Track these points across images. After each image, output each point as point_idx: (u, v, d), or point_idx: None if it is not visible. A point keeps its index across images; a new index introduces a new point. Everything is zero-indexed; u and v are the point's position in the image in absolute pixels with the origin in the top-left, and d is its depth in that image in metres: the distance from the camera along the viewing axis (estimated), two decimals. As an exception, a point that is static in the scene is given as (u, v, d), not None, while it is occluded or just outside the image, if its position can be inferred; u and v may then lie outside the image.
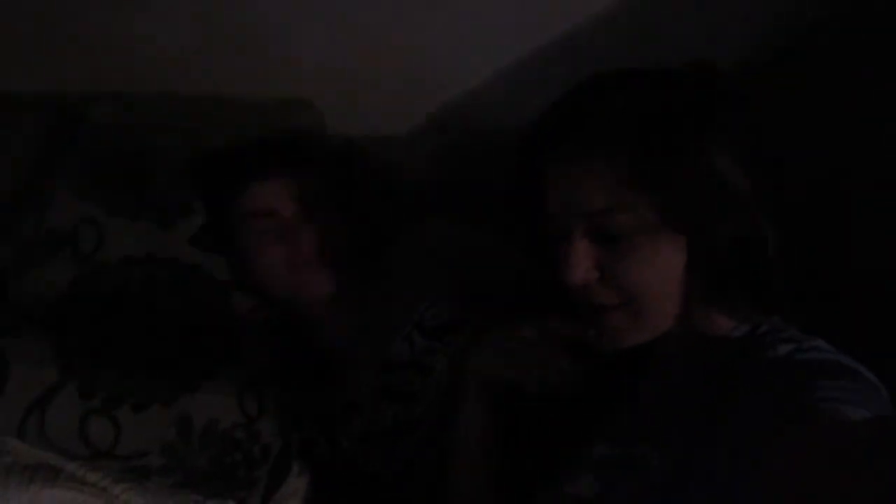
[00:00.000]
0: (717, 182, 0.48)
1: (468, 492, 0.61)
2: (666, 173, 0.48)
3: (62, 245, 0.75)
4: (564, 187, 0.51)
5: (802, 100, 0.64)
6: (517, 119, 0.91)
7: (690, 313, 0.52)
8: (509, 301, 0.78)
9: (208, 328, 0.78)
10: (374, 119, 0.93)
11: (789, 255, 0.51)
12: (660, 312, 0.51)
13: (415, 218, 0.88)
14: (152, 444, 0.71)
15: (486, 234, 0.85)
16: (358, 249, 0.81)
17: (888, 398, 0.46)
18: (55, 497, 0.66)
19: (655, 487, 0.48)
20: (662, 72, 0.52)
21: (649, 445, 0.51)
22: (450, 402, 0.60)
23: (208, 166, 0.83)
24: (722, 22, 0.79)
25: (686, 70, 0.52)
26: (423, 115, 0.95)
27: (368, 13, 0.83)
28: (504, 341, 0.59)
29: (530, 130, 0.54)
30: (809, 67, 0.73)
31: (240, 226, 0.80)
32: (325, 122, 0.92)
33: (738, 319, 0.53)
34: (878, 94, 0.67)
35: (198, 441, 0.73)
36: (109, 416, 0.69)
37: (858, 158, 0.67)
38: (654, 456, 0.50)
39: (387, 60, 0.88)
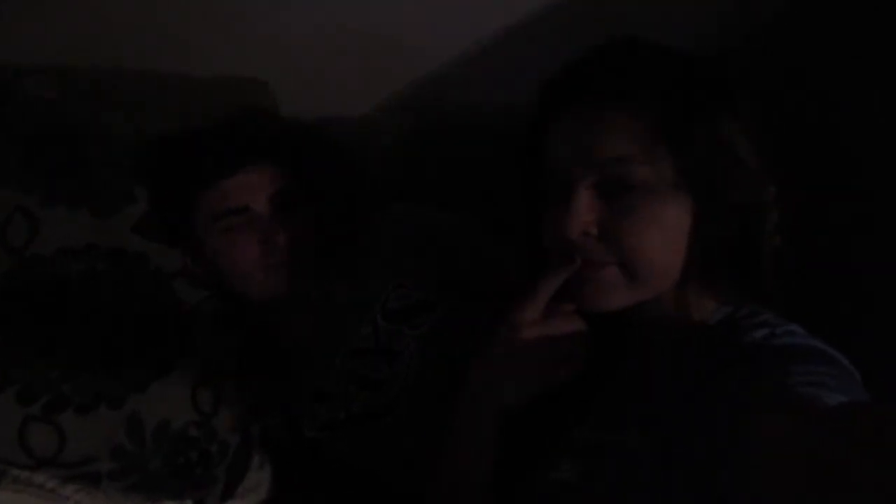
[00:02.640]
0: (732, 152, 0.49)
1: (457, 483, 0.60)
2: (688, 131, 0.48)
3: (-10, 238, 0.69)
4: (577, 137, 0.50)
5: (779, 85, 0.63)
6: (483, 97, 0.89)
7: (685, 284, 0.51)
8: (478, 280, 0.78)
9: (156, 322, 0.74)
10: (332, 99, 0.89)
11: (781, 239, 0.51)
12: (656, 278, 0.50)
13: (378, 203, 0.85)
14: (101, 449, 0.67)
15: (450, 215, 0.83)
16: (326, 240, 0.78)
17: (862, 383, 0.46)
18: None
19: (638, 472, 0.48)
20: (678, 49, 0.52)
21: (631, 430, 0.50)
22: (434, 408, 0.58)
23: (160, 156, 0.77)
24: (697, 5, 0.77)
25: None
26: (384, 94, 0.91)
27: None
28: (512, 353, 0.55)
29: (543, 83, 0.53)
30: (785, 55, 0.72)
31: (207, 223, 0.74)
32: (279, 102, 0.87)
33: (724, 301, 0.53)
34: (852, 82, 0.66)
35: (150, 442, 0.69)
36: (51, 421, 0.65)
37: (844, 149, 0.67)
38: (636, 441, 0.49)
39: (346, 37, 0.84)
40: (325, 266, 0.78)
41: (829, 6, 0.67)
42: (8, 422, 0.64)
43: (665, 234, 0.49)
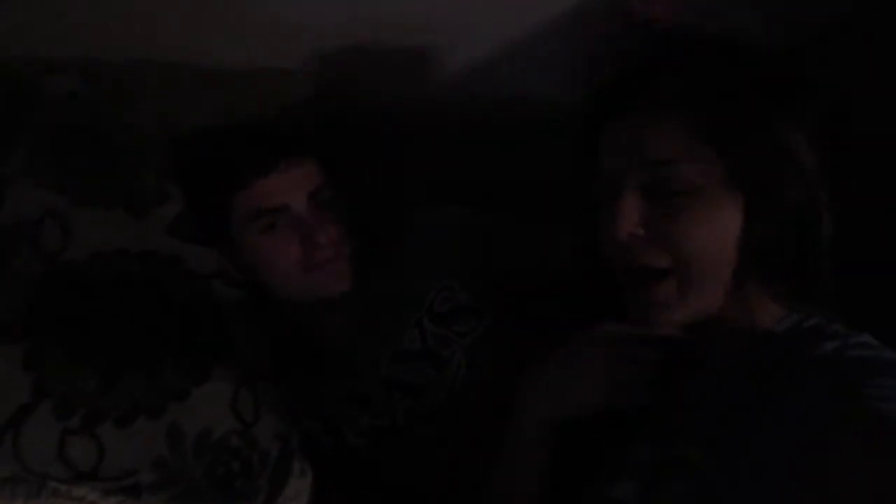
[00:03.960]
0: (785, 150, 0.48)
1: (507, 496, 0.58)
2: (738, 130, 0.48)
3: (23, 241, 0.66)
4: (627, 139, 0.51)
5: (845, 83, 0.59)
6: (523, 89, 0.86)
7: (741, 289, 0.50)
8: (524, 282, 0.75)
9: (194, 327, 0.72)
10: (368, 91, 0.85)
11: (840, 244, 0.49)
12: (710, 281, 0.50)
13: (417, 200, 0.82)
14: (141, 461, 0.65)
15: (492, 215, 0.80)
16: (366, 238, 0.75)
17: None
18: (40, 512, 0.61)
19: (702, 489, 0.46)
20: (734, 41, 0.51)
21: (695, 446, 0.49)
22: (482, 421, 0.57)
23: (193, 155, 0.74)
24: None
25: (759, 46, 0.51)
26: (423, 86, 0.87)
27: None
28: (570, 370, 0.55)
29: (597, 87, 0.54)
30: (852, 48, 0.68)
31: (244, 223, 0.71)
32: (315, 94, 0.83)
33: (787, 307, 0.51)
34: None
35: (191, 453, 0.67)
36: (91, 434, 0.63)
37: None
38: (701, 456, 0.48)
39: (384, 26, 0.80)
40: (366, 265, 0.75)
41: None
42: (47, 435, 0.62)
43: (714, 235, 0.48)
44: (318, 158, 0.74)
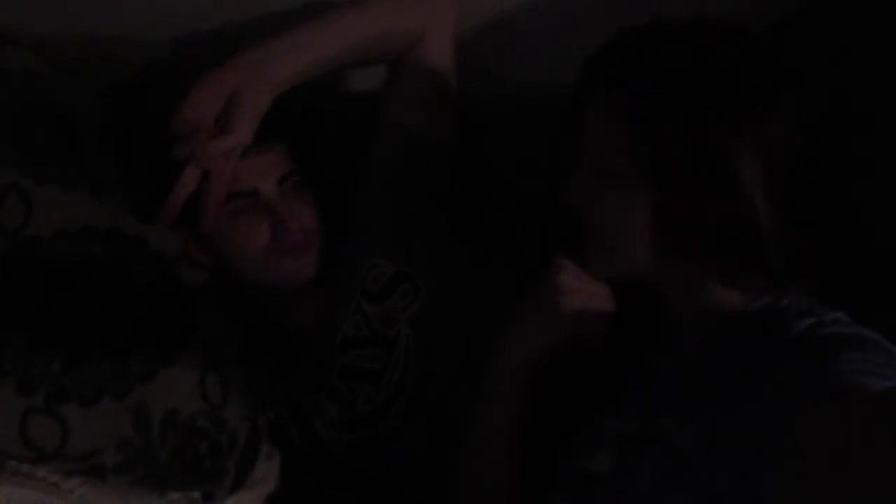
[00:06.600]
0: (717, 160, 0.49)
1: (485, 478, 0.59)
2: (668, 129, 0.49)
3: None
4: (591, 121, 0.55)
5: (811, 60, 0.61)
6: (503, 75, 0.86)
7: (667, 266, 0.53)
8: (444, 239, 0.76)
9: (160, 308, 0.71)
10: (339, 75, 0.85)
11: (795, 230, 0.50)
12: (624, 252, 0.54)
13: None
14: (106, 441, 0.64)
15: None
16: (332, 223, 0.75)
17: None
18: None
19: (677, 462, 0.47)
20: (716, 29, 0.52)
21: (671, 419, 0.50)
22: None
23: (160, 136, 0.73)
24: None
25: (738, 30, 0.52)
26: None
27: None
28: (534, 307, 0.58)
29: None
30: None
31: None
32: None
33: (749, 294, 0.52)
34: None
35: (157, 434, 0.67)
36: (54, 413, 0.62)
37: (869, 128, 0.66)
38: (676, 431, 0.49)
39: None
40: (331, 250, 0.75)
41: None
42: (8, 414, 0.61)
43: (623, 217, 0.52)
44: (289, 144, 0.74)
